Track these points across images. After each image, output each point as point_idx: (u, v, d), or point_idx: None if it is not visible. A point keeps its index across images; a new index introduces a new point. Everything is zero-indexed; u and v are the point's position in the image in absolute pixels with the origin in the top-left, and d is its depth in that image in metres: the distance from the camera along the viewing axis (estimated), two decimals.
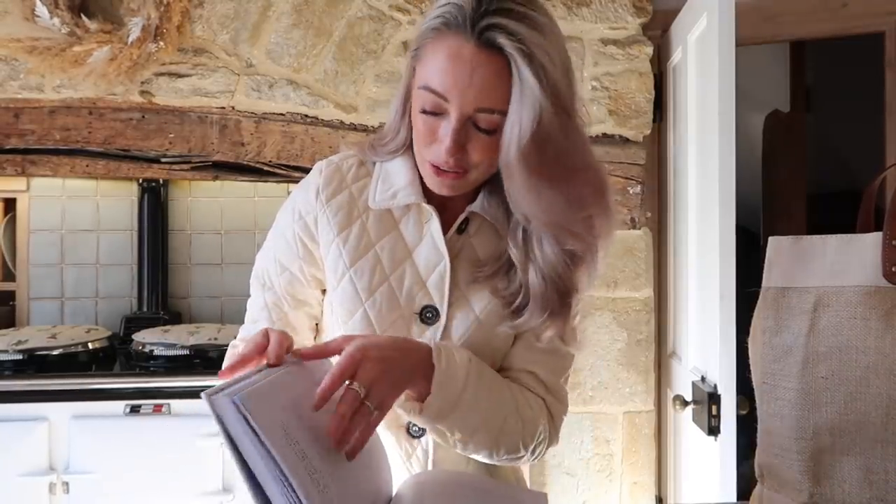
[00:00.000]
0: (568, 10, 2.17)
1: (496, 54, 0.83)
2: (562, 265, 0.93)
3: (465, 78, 0.84)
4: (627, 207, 2.21)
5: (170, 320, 2.37)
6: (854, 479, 0.79)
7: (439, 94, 0.86)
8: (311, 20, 2.14)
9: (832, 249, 0.83)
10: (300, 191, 1.03)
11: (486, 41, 0.83)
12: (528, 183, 0.86)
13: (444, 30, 0.86)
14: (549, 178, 0.86)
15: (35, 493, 1.89)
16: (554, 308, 0.94)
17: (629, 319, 2.25)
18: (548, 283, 0.94)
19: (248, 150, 2.18)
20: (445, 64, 0.85)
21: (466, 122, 0.87)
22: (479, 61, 0.84)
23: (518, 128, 0.83)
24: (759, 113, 3.46)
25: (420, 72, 0.89)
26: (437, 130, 0.89)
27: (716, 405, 1.69)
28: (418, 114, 0.90)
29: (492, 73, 0.84)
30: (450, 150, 0.87)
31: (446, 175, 0.91)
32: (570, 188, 0.88)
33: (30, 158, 2.16)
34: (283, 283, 1.03)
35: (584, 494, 2.25)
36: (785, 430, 0.83)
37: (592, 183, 0.90)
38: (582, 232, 0.91)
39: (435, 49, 0.86)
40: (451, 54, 0.85)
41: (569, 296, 0.95)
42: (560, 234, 0.91)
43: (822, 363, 0.81)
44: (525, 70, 0.82)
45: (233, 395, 0.66)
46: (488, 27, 0.83)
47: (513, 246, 0.96)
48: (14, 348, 2.02)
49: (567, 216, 0.89)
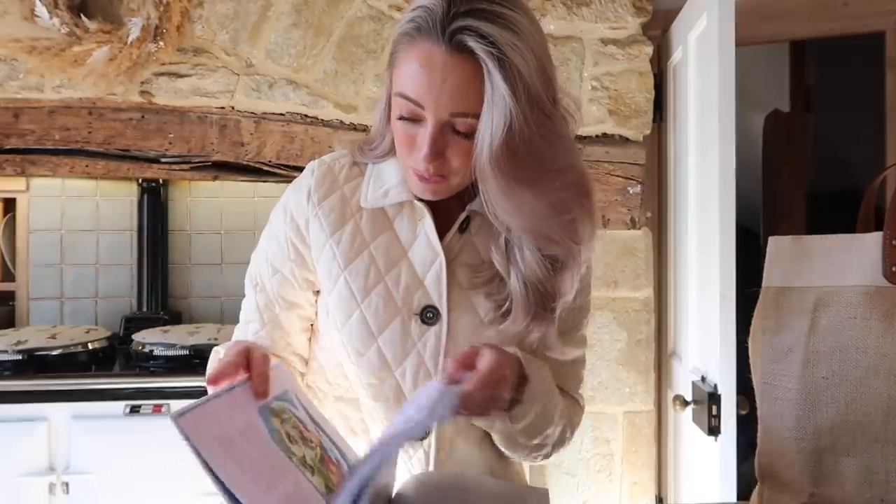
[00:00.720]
0: (568, 10, 2.17)
1: (468, 57, 0.81)
2: (543, 271, 0.92)
3: (438, 84, 0.83)
4: (627, 207, 2.21)
5: (170, 320, 2.37)
6: (854, 479, 0.79)
7: (413, 101, 0.85)
8: (310, 20, 2.14)
9: (832, 249, 0.83)
10: (292, 191, 1.02)
11: (456, 45, 0.81)
12: (502, 188, 0.84)
13: (415, 35, 0.84)
14: (525, 182, 0.85)
15: (35, 493, 1.89)
16: (537, 313, 0.94)
17: (629, 319, 2.25)
18: (529, 289, 0.93)
19: (248, 150, 2.18)
20: (417, 70, 0.84)
21: (444, 127, 0.85)
22: (451, 66, 0.82)
23: (489, 133, 0.82)
24: (759, 113, 3.46)
25: (395, 79, 0.88)
26: (415, 137, 0.87)
27: (716, 405, 1.69)
28: (396, 121, 0.89)
29: (464, 77, 0.82)
30: (428, 157, 0.86)
31: (427, 181, 0.90)
32: (548, 192, 0.86)
33: (29, 158, 2.16)
34: (275, 285, 1.03)
35: (584, 494, 2.25)
36: (785, 430, 0.83)
37: (574, 185, 0.88)
38: (562, 237, 0.89)
39: (408, 55, 0.85)
40: (423, 60, 0.83)
41: (552, 300, 0.94)
42: (539, 240, 0.90)
43: (822, 363, 0.81)
44: (496, 74, 0.80)
45: (175, 416, 0.69)
46: (458, 30, 0.81)
47: (495, 251, 0.95)
48: (14, 348, 2.02)
49: (546, 221, 0.88)
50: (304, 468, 0.76)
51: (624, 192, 2.20)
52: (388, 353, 0.97)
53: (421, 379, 0.97)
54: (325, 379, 1.06)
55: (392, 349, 0.97)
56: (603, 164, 2.18)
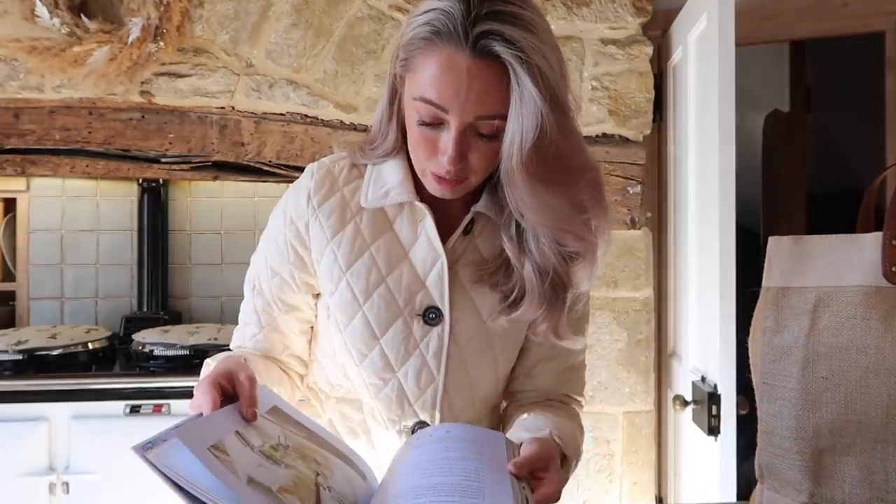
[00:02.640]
0: (568, 10, 2.17)
1: (493, 61, 0.81)
2: (558, 260, 0.93)
3: (464, 88, 0.82)
4: (627, 207, 2.21)
5: (170, 320, 2.38)
6: (854, 479, 0.79)
7: (437, 105, 0.84)
8: (311, 20, 2.14)
9: (832, 249, 0.83)
10: (291, 194, 1.02)
11: (481, 50, 0.81)
12: (530, 189, 0.85)
13: (434, 39, 0.83)
14: (551, 182, 0.85)
15: (35, 493, 1.89)
16: (550, 301, 0.94)
17: (629, 319, 2.25)
18: (543, 277, 0.93)
19: (248, 150, 2.18)
20: (441, 74, 0.83)
21: (467, 129, 0.85)
22: (476, 71, 0.82)
23: (519, 137, 0.82)
24: (759, 113, 3.46)
25: (412, 83, 0.87)
26: (435, 141, 0.87)
27: (716, 405, 1.69)
28: (416, 126, 0.88)
29: (490, 81, 0.82)
30: (453, 160, 0.86)
31: (447, 183, 0.90)
32: (571, 192, 0.87)
33: (30, 158, 2.16)
34: (274, 288, 1.02)
35: (584, 494, 2.25)
36: (785, 430, 0.83)
37: (592, 184, 0.89)
38: (585, 233, 0.90)
39: (427, 59, 0.84)
40: (446, 65, 0.82)
41: (564, 290, 0.95)
42: (564, 236, 0.91)
43: (822, 363, 0.81)
44: (524, 78, 0.80)
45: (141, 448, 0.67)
46: (482, 35, 0.80)
47: (507, 239, 0.95)
48: (14, 348, 2.02)
49: (568, 220, 0.89)
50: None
51: (624, 192, 2.20)
52: (390, 354, 0.97)
53: (423, 379, 0.97)
54: (327, 380, 1.06)
55: (395, 350, 0.96)
56: (603, 164, 2.18)
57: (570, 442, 0.92)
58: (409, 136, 0.92)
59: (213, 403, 0.76)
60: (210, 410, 0.76)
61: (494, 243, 0.98)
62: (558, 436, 0.89)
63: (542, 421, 0.94)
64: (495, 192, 0.97)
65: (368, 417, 1.02)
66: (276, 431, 0.80)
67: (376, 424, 1.01)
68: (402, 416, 0.98)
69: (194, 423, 0.73)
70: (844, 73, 3.34)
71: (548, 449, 0.83)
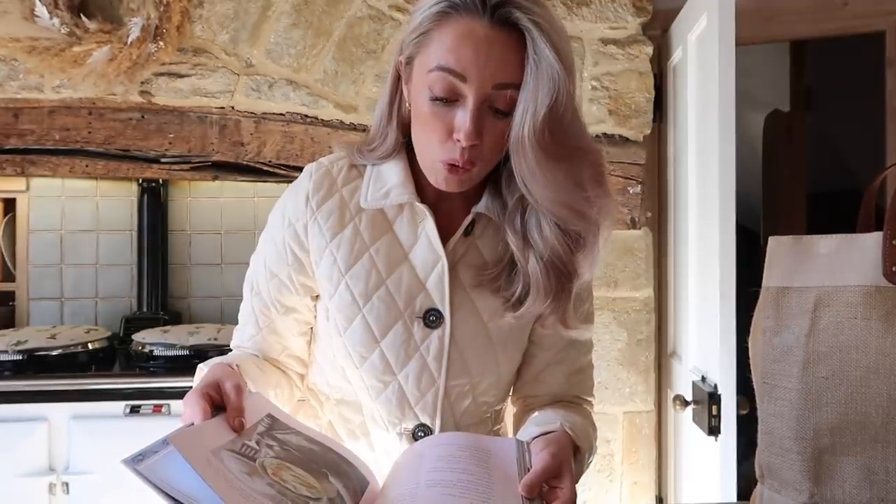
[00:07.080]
0: (568, 9, 2.17)
1: (510, 30, 0.83)
2: (562, 247, 0.92)
3: (483, 54, 0.83)
4: (627, 207, 2.21)
5: (169, 320, 2.37)
6: (854, 479, 0.79)
7: (456, 72, 0.84)
8: (310, 20, 2.14)
9: (832, 249, 0.82)
10: (290, 195, 1.01)
11: (499, 18, 0.83)
12: (539, 160, 0.85)
13: (451, 13, 0.85)
14: (559, 156, 0.86)
15: (35, 493, 1.89)
16: (556, 293, 0.94)
17: (629, 319, 2.24)
18: (548, 268, 0.93)
19: (248, 150, 2.18)
20: (460, 42, 0.84)
21: (483, 103, 0.85)
22: (495, 37, 0.83)
23: (534, 105, 0.83)
24: (759, 113, 3.46)
25: (425, 59, 0.87)
26: (450, 121, 0.87)
27: (716, 405, 1.69)
28: (428, 106, 0.87)
29: (508, 47, 0.84)
30: (469, 135, 0.85)
31: (457, 171, 0.89)
32: (575, 168, 0.88)
33: (29, 158, 2.16)
34: (272, 290, 1.02)
35: (584, 494, 2.25)
36: (785, 430, 0.83)
37: (594, 164, 0.90)
38: (585, 209, 0.90)
39: (445, 31, 0.85)
40: (465, 33, 0.84)
41: (569, 280, 0.94)
42: (567, 213, 0.90)
43: (822, 363, 0.81)
44: (541, 44, 0.82)
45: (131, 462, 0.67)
46: (500, 4, 0.83)
47: (511, 233, 0.95)
48: (14, 349, 2.02)
49: (574, 195, 0.88)
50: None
51: (624, 192, 2.20)
52: (390, 357, 0.96)
53: (424, 382, 0.97)
54: (326, 382, 1.05)
55: (395, 353, 0.96)
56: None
57: (582, 434, 0.91)
58: (416, 126, 0.92)
59: (203, 414, 0.77)
60: (200, 421, 0.77)
61: (496, 245, 0.98)
62: (570, 428, 0.89)
63: (552, 415, 0.94)
64: (496, 192, 0.96)
65: (368, 420, 1.02)
66: (267, 440, 0.80)
67: (376, 427, 1.01)
68: (403, 419, 0.98)
69: (185, 434, 0.73)
70: (844, 73, 3.34)
71: (559, 450, 0.83)
